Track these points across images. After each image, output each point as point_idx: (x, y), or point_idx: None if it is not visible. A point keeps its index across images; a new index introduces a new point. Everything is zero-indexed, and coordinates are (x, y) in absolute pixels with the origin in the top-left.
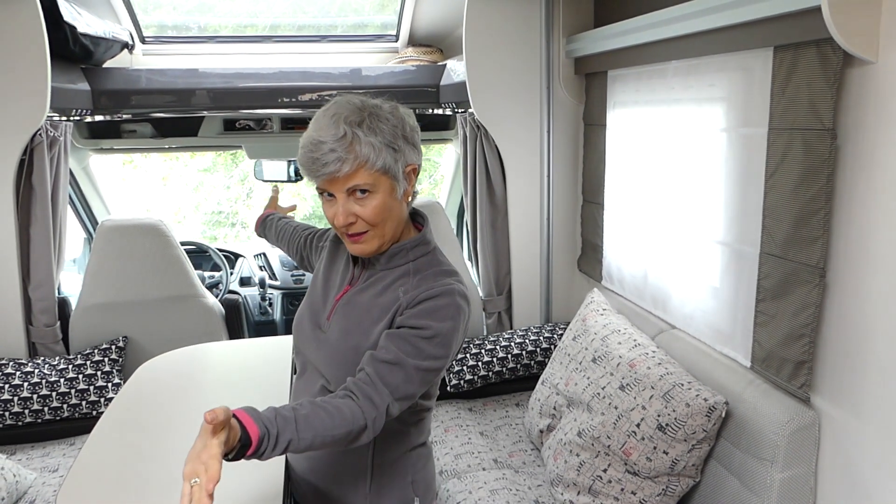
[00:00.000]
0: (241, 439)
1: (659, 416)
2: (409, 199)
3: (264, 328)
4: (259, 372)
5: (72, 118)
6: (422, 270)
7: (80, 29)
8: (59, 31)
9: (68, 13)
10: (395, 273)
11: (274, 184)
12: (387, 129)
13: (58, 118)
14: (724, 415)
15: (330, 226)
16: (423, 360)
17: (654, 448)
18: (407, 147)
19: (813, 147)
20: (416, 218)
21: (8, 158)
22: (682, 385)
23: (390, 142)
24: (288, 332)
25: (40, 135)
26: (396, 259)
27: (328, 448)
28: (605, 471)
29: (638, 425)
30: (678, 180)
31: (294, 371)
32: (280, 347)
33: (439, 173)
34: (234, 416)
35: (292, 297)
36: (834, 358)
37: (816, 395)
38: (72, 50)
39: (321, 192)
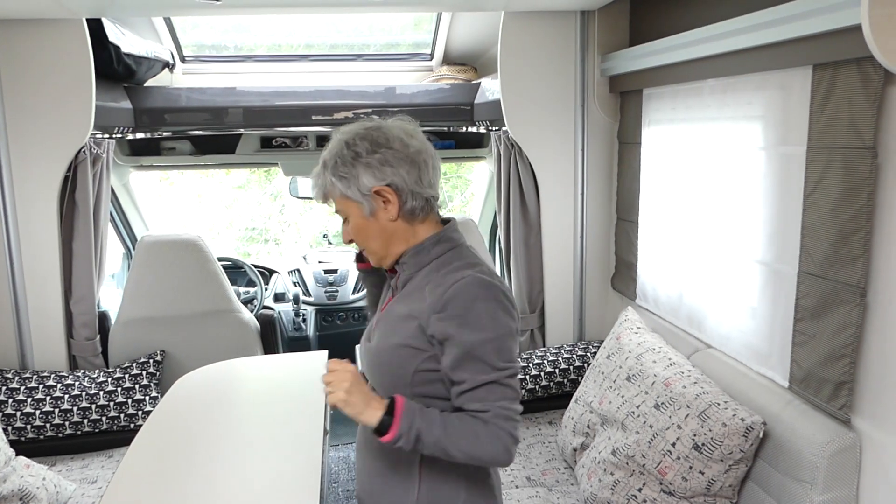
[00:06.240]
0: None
1: (695, 435)
2: (400, 213)
3: (297, 344)
4: (294, 387)
5: (114, 136)
6: (445, 265)
7: (124, 49)
8: (104, 51)
9: (113, 34)
10: (423, 273)
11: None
12: (339, 160)
13: (101, 136)
14: (761, 435)
15: None
16: (500, 372)
17: (690, 468)
18: (363, 171)
19: (853, 165)
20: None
21: (53, 175)
22: (719, 404)
23: (336, 173)
24: (321, 347)
25: (84, 152)
26: (420, 257)
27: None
28: (639, 490)
29: (673, 444)
30: (714, 198)
31: None
32: (314, 363)
33: (470, 191)
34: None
35: (325, 314)
36: (875, 379)
37: (857, 416)
38: (115, 69)
39: None
